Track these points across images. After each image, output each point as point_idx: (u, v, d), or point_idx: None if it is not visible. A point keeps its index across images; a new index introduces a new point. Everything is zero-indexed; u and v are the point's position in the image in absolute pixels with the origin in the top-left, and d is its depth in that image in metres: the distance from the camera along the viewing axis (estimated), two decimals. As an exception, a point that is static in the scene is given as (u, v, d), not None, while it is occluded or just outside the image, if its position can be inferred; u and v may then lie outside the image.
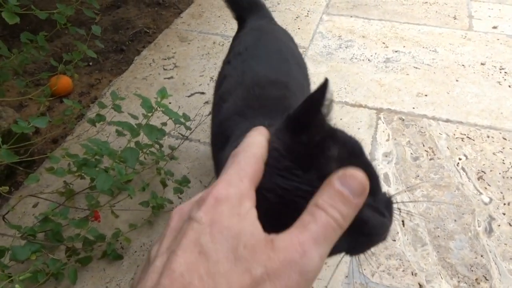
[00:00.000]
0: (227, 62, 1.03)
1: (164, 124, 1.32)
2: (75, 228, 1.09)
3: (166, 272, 0.28)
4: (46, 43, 1.28)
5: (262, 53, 1.00)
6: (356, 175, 0.34)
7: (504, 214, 1.26)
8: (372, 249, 0.44)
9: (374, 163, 0.44)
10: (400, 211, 0.45)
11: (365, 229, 0.38)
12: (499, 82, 1.77)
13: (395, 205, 0.44)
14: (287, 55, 1.06)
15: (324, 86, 0.38)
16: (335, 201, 0.33)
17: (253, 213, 0.32)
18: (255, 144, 0.37)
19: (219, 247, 0.29)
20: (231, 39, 1.20)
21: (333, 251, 0.38)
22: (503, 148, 1.47)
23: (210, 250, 0.28)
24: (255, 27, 1.11)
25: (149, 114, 1.14)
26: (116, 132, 1.34)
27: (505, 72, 1.81)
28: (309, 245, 0.30)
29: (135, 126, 1.16)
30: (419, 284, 1.11)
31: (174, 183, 1.28)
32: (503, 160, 1.43)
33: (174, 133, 1.55)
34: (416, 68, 1.86)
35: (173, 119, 1.25)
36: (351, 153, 0.40)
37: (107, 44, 2.21)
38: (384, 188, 1.33)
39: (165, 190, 1.33)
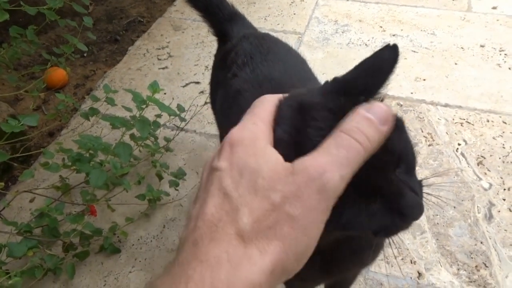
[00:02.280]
0: (232, 76, 0.91)
1: (159, 116, 1.30)
2: (71, 223, 1.08)
3: (200, 217, 0.32)
4: (36, 37, 1.26)
5: (271, 58, 0.91)
6: (382, 104, 0.35)
7: (504, 200, 1.25)
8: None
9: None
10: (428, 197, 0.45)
11: (402, 207, 0.38)
12: (499, 64, 1.74)
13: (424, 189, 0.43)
14: (293, 57, 1.00)
15: (395, 51, 0.38)
16: (361, 125, 0.33)
17: (270, 150, 0.34)
18: (268, 97, 0.39)
19: (239, 185, 0.32)
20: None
21: (368, 227, 0.39)
22: (503, 132, 1.45)
23: (232, 190, 0.32)
24: (247, 35, 1.01)
25: (143, 106, 1.13)
26: (110, 125, 1.33)
27: (505, 54, 1.78)
28: (330, 165, 0.31)
29: (130, 118, 1.15)
30: (418, 272, 1.10)
31: (170, 175, 1.27)
32: (503, 145, 1.41)
33: (169, 124, 1.53)
34: (414, 52, 1.83)
35: (171, 111, 1.24)
36: (396, 127, 0.39)
37: (101, 34, 2.18)
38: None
39: (162, 182, 1.32)
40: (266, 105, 0.38)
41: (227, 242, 0.30)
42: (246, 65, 0.90)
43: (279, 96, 0.39)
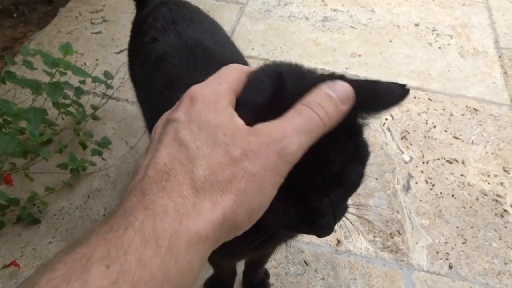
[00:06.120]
0: (150, 40, 0.85)
1: (83, 82, 1.24)
2: (-18, 193, 1.02)
3: (151, 166, 0.31)
4: None
5: (199, 27, 0.86)
6: (345, 84, 0.35)
7: (422, 172, 1.32)
8: None
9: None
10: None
11: (315, 225, 0.41)
12: (430, 43, 1.80)
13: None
14: (219, 29, 0.96)
15: (406, 93, 0.39)
16: (322, 100, 0.34)
17: (231, 110, 0.33)
18: (236, 66, 0.38)
19: (198, 137, 0.31)
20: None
21: (280, 224, 0.41)
22: (428, 108, 1.52)
23: (189, 141, 0.31)
24: (165, 1, 0.95)
25: (61, 70, 1.07)
26: (31, 90, 1.25)
27: (437, 34, 1.85)
28: (290, 132, 0.32)
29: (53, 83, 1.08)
30: (337, 240, 1.15)
31: (94, 144, 1.23)
32: (427, 121, 1.48)
33: (99, 92, 1.47)
34: (352, 27, 1.85)
35: (92, 77, 1.19)
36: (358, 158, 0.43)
37: (32, -6, 2.03)
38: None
39: (88, 152, 1.27)
40: (233, 72, 0.37)
41: (177, 192, 0.29)
42: (168, 29, 0.85)
43: (247, 67, 0.39)
